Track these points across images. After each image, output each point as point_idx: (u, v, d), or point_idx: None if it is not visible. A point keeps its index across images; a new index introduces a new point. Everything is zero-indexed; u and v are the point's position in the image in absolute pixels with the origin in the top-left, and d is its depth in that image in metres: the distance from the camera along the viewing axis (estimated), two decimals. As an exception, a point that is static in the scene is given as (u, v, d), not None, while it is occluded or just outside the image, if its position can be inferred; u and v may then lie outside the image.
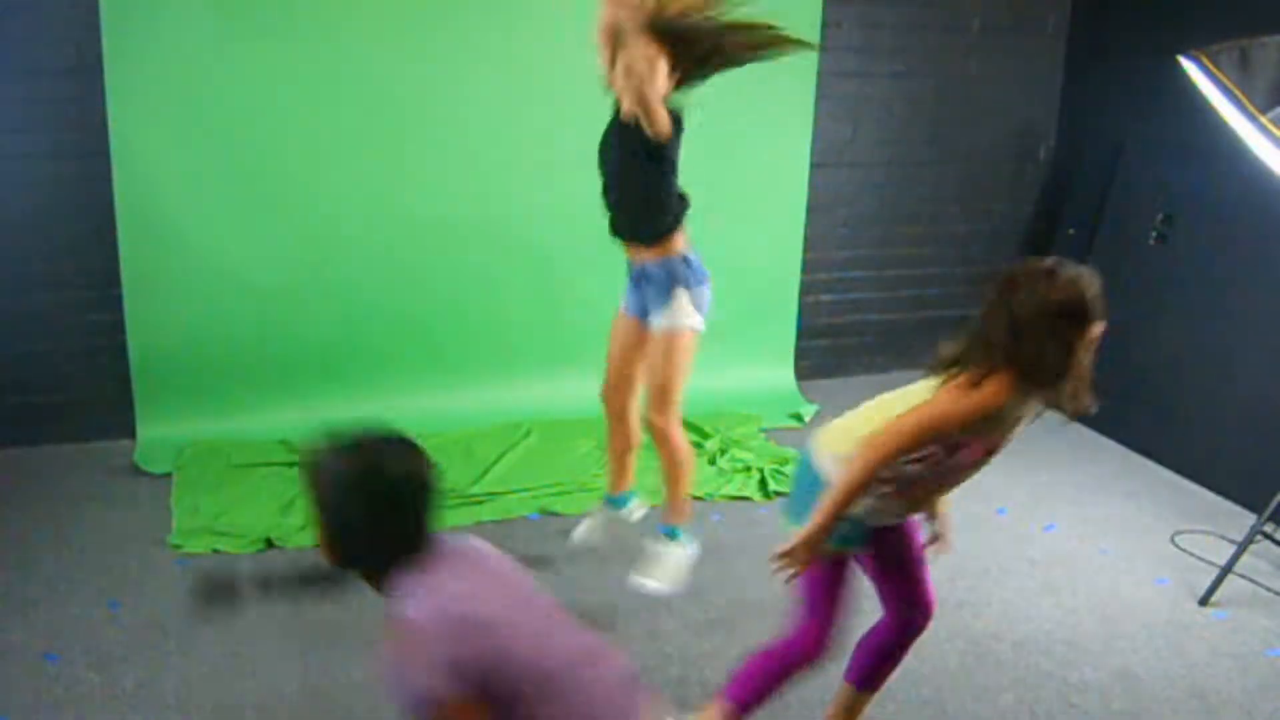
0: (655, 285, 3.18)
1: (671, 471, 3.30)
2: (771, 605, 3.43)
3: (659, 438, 3.27)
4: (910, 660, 3.15)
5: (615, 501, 3.56)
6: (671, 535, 3.41)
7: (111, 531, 3.74)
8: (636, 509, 3.60)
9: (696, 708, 2.92)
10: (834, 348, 5.50)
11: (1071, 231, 5.29)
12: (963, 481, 2.39)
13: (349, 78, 4.35)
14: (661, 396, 3.20)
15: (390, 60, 4.39)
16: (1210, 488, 4.33)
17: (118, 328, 4.32)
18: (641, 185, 3.11)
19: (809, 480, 2.37)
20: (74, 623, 3.20)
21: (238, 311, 4.42)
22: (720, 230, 4.11)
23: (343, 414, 4.47)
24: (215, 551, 3.62)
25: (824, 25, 4.93)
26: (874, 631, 2.63)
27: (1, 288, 4.20)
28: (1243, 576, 3.59)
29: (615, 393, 3.38)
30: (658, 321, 3.18)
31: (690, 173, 3.19)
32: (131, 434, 4.40)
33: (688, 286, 3.14)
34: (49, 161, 4.14)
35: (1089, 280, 2.15)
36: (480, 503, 4.03)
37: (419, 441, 1.90)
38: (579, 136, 4.78)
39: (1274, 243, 4.24)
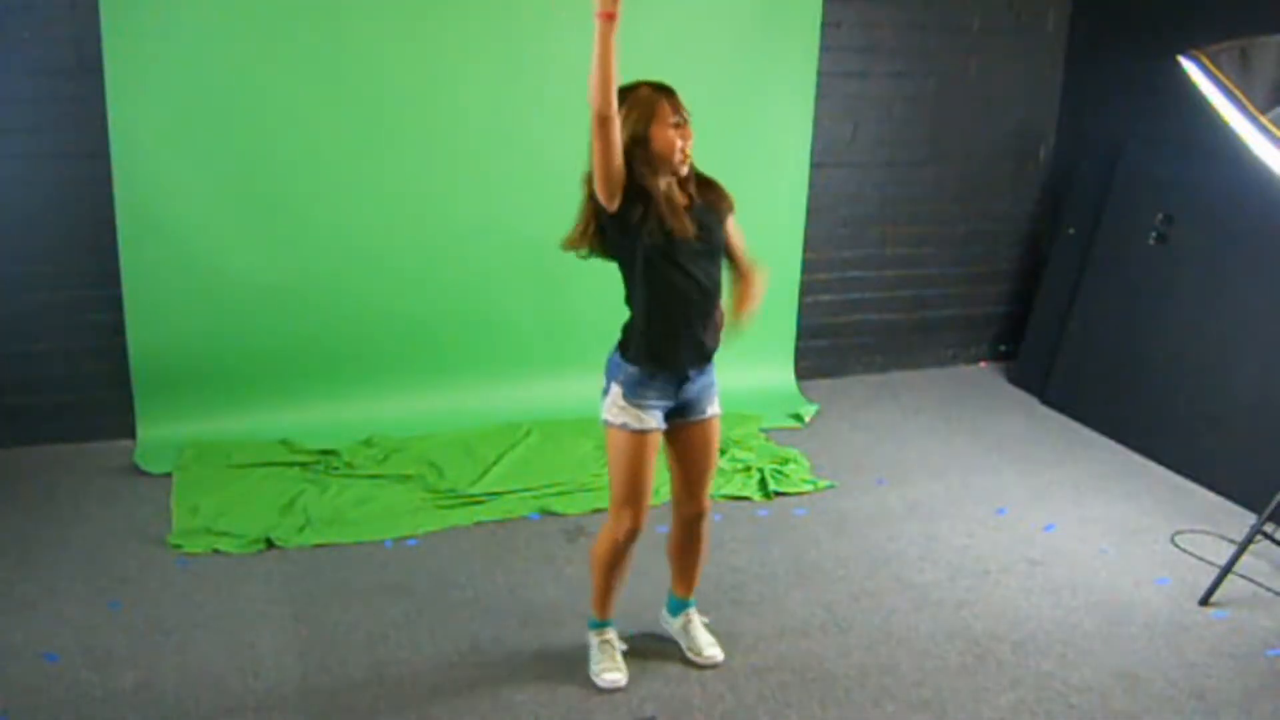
0: (711, 372, 2.96)
1: (705, 552, 3.13)
2: (771, 604, 3.43)
3: (707, 522, 3.08)
4: (910, 660, 3.16)
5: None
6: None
7: (111, 531, 3.74)
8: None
9: (699, 709, 2.93)
10: (834, 348, 5.50)
11: (1071, 231, 5.29)
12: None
13: (349, 78, 4.35)
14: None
15: (391, 60, 4.39)
16: (1210, 488, 4.33)
17: (118, 328, 4.32)
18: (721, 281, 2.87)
19: None
20: (74, 623, 3.20)
21: (237, 311, 4.42)
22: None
23: (343, 414, 4.55)
24: (215, 551, 3.63)
25: (824, 25, 4.94)
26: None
27: (1, 288, 4.20)
28: (1243, 576, 3.59)
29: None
30: (716, 408, 2.97)
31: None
32: (131, 434, 4.40)
33: None
34: (49, 161, 4.14)
35: None
36: (480, 503, 4.03)
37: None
38: (580, 136, 4.80)
39: (1274, 243, 4.24)
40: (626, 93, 2.66)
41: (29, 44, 4.01)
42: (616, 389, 2.83)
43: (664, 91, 2.72)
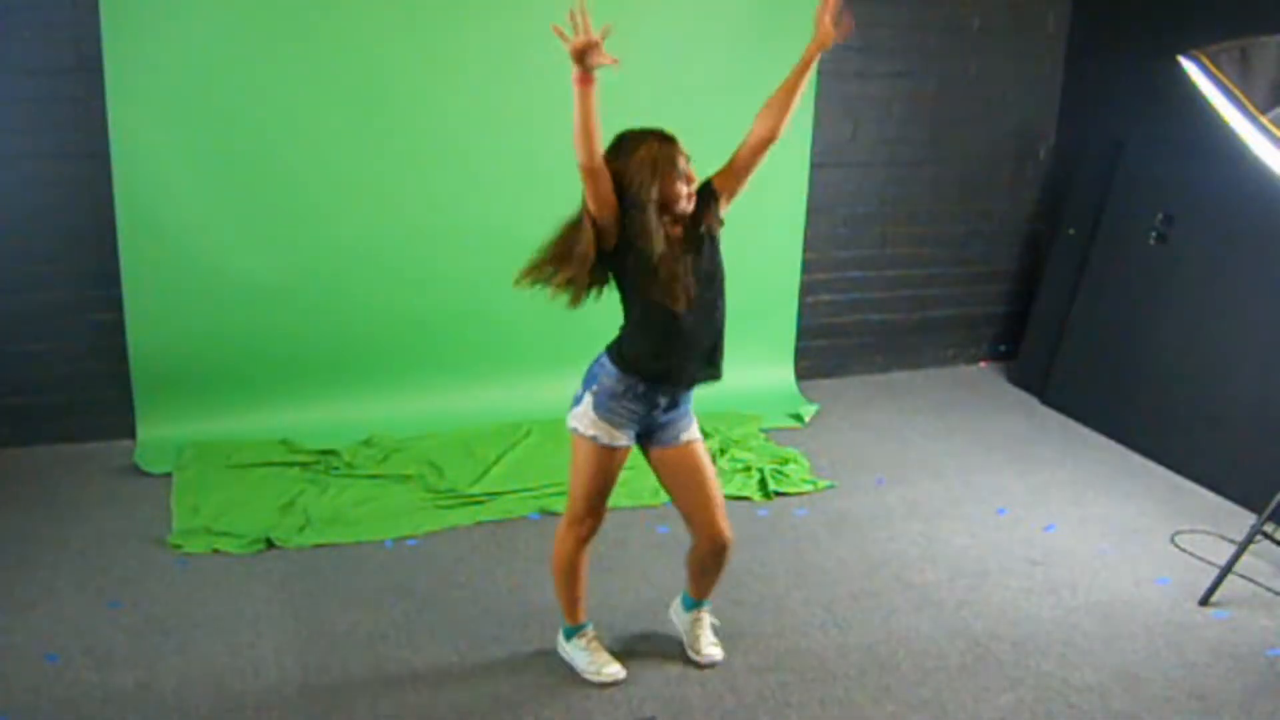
0: (686, 404, 2.95)
1: (722, 568, 3.10)
2: (771, 604, 3.43)
3: (728, 545, 3.02)
4: (910, 660, 3.16)
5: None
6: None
7: (111, 531, 3.74)
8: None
9: (698, 709, 2.93)
10: (834, 348, 5.50)
11: (1071, 231, 5.29)
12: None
13: (349, 78, 4.35)
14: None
15: (391, 61, 4.39)
16: (1210, 488, 4.33)
17: (118, 328, 4.32)
18: (725, 301, 2.89)
19: None
20: (74, 623, 3.20)
21: (238, 311, 4.42)
22: (720, 231, 4.15)
23: (343, 414, 4.54)
24: (215, 551, 3.63)
25: (824, 25, 4.93)
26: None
27: (1, 288, 4.20)
28: (1243, 576, 3.59)
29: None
30: (693, 434, 2.94)
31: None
32: (131, 434, 4.40)
33: None
34: (49, 161, 4.14)
35: None
36: (480, 503, 4.03)
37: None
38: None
39: (1274, 243, 4.24)
40: (630, 148, 2.67)
41: (29, 44, 4.01)
42: (589, 399, 2.83)
43: (666, 144, 2.70)
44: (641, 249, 2.68)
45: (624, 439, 2.84)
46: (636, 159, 2.65)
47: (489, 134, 4.57)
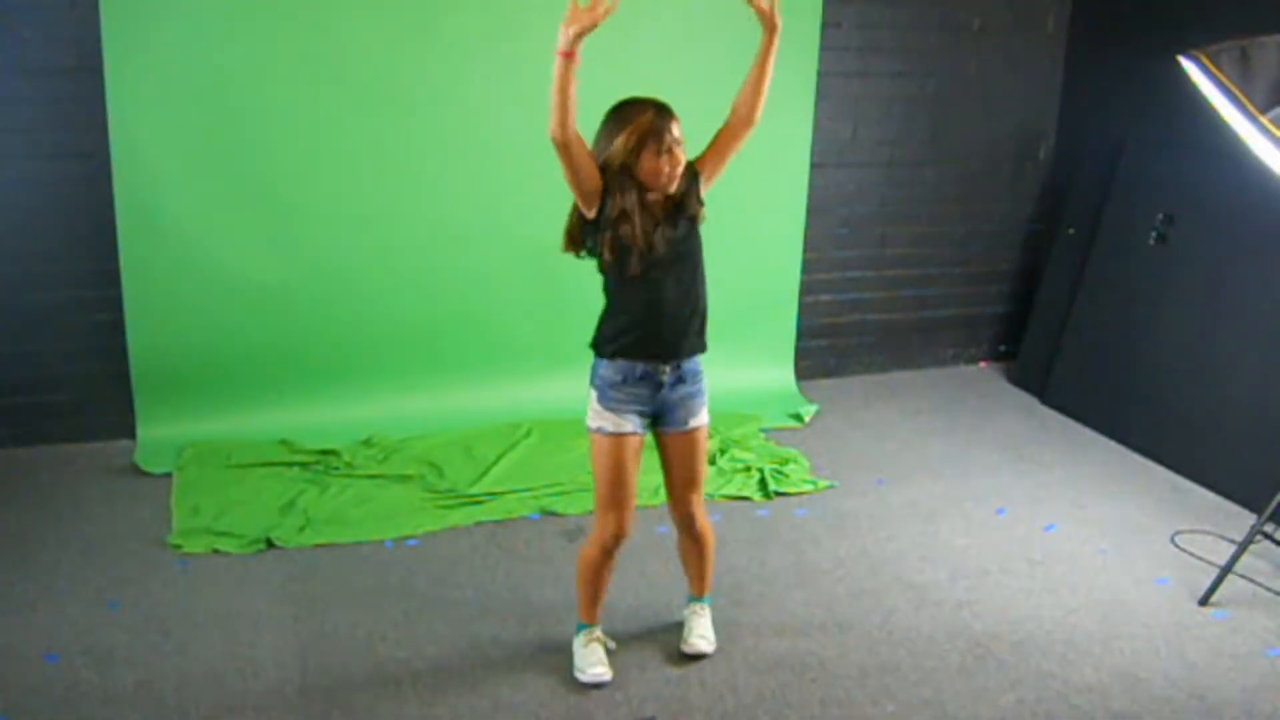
0: (696, 382, 2.95)
1: (710, 553, 3.16)
2: (771, 604, 3.43)
3: (702, 527, 3.10)
4: (910, 660, 3.16)
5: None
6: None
7: (111, 531, 3.74)
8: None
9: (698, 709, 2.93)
10: (834, 348, 5.50)
11: (1071, 231, 5.29)
12: None
13: (350, 78, 4.36)
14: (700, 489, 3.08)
15: (391, 60, 4.39)
16: (1210, 488, 4.33)
17: (118, 328, 4.32)
18: (702, 277, 2.90)
19: None
20: (74, 623, 3.20)
21: (238, 311, 4.42)
22: (720, 230, 4.14)
23: (343, 414, 4.54)
24: (215, 551, 3.63)
25: (824, 25, 4.94)
26: None
27: (1, 288, 4.20)
28: (1243, 576, 3.59)
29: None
30: (701, 420, 2.96)
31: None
32: (131, 434, 4.40)
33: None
34: (49, 161, 4.14)
35: None
36: (480, 503, 4.03)
37: None
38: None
39: (1274, 243, 4.24)
40: (623, 114, 2.73)
41: (29, 44, 4.02)
42: (594, 394, 2.90)
43: (659, 116, 2.73)
44: (614, 212, 2.72)
45: (629, 426, 2.88)
46: (627, 128, 2.70)
47: (490, 134, 4.57)
